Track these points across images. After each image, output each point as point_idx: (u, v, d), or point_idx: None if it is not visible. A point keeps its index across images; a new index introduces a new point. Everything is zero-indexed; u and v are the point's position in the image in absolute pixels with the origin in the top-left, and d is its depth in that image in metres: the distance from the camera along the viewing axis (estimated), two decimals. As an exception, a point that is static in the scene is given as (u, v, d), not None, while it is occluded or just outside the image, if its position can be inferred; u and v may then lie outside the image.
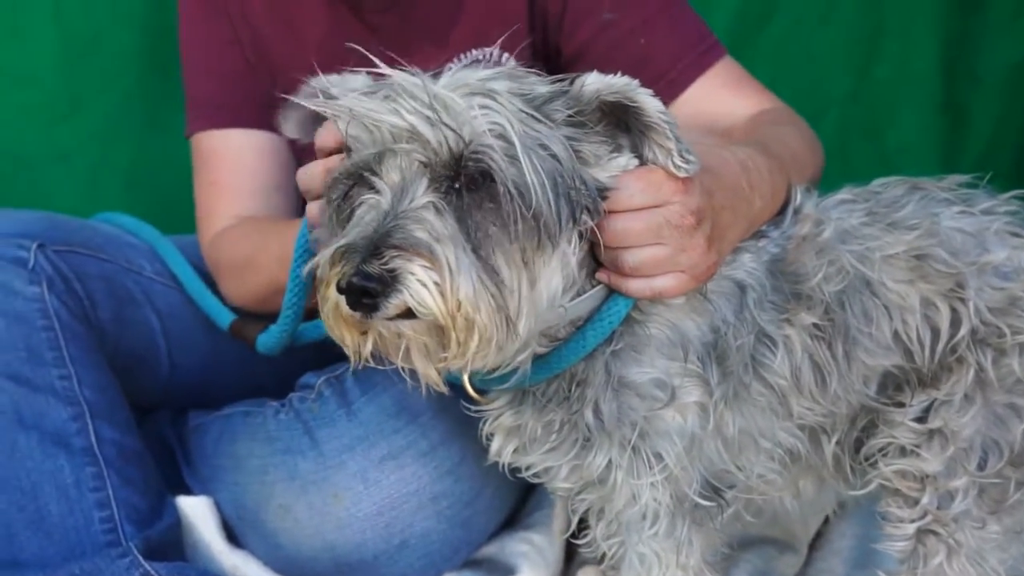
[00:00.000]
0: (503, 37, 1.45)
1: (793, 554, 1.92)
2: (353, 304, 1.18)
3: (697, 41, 1.85)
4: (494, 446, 1.48)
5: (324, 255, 1.21)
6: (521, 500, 2.00)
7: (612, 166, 1.29)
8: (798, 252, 1.43)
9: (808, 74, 2.82)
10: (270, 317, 1.77)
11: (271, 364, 1.87)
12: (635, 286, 1.31)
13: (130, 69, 2.55)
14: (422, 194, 1.20)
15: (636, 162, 1.29)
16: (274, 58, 1.97)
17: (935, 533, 1.49)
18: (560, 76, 1.30)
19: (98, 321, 1.81)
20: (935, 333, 1.44)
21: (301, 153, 2.00)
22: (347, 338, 1.25)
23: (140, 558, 1.65)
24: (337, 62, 1.37)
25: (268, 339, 1.77)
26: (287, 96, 1.37)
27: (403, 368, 1.27)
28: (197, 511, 1.84)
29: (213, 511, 1.86)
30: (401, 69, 1.25)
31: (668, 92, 1.80)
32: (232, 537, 1.86)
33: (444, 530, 1.78)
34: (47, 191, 2.55)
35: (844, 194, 1.51)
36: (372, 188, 1.24)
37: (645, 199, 1.28)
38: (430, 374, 1.26)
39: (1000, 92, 2.88)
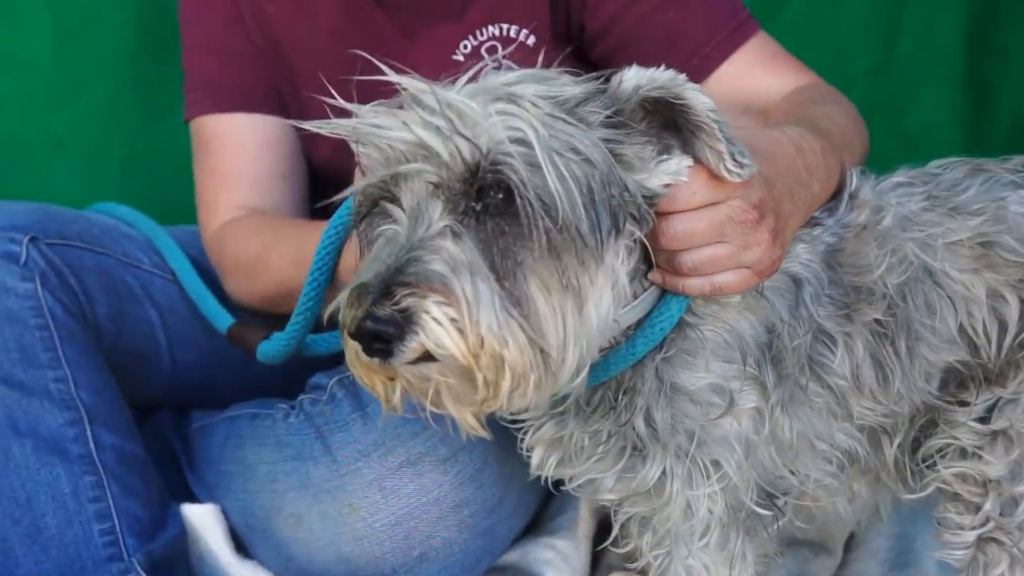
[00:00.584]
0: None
1: (828, 556, 1.86)
2: (368, 351, 1.09)
3: (730, 16, 1.76)
4: (535, 460, 1.39)
5: (342, 297, 1.12)
6: (543, 503, 1.92)
7: (662, 171, 1.18)
8: (858, 242, 1.34)
9: (829, 50, 2.73)
10: (271, 323, 1.68)
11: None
12: (694, 284, 1.22)
13: (127, 55, 2.52)
14: (438, 218, 1.10)
15: (688, 163, 1.19)
16: (282, 38, 1.88)
17: (997, 541, 1.43)
18: (596, 74, 1.20)
19: (95, 318, 1.73)
20: (1002, 326, 1.37)
21: (307, 140, 1.93)
22: (377, 386, 1.16)
23: (143, 574, 1.58)
24: (351, 44, 1.28)
25: (271, 347, 1.67)
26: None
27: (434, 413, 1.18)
28: (204, 520, 1.76)
29: (220, 520, 1.77)
30: (406, 74, 1.14)
31: (700, 69, 1.71)
32: (240, 547, 1.78)
33: (466, 540, 1.69)
34: (43, 179, 2.52)
35: (900, 176, 1.43)
36: (389, 217, 1.15)
37: (706, 196, 1.19)
38: (466, 419, 1.16)
39: (1028, 67, 2.80)
